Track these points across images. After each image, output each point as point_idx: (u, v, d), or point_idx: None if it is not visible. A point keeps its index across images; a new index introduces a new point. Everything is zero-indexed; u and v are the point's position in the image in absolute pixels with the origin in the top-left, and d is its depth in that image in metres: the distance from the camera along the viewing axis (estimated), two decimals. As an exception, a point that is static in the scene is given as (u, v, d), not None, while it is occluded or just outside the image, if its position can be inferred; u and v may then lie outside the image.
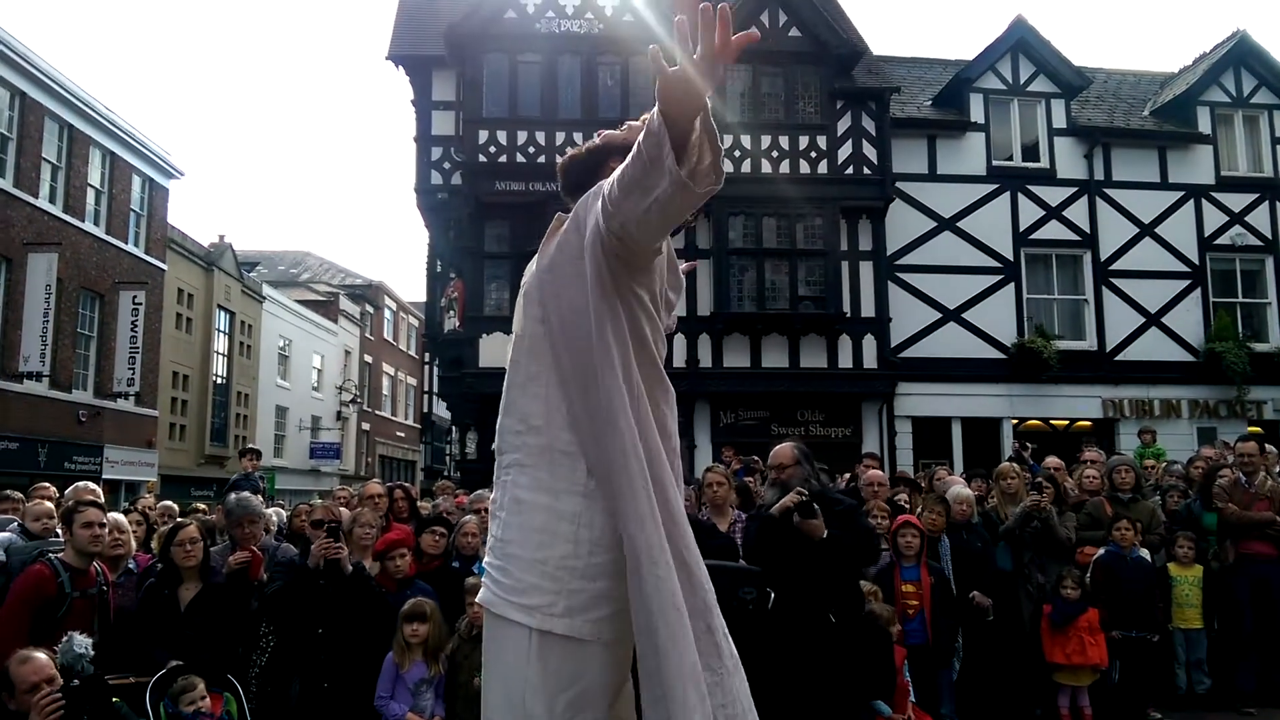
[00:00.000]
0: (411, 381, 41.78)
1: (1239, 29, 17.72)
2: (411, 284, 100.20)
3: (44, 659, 3.86)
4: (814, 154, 15.82)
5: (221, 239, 27.17)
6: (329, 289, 35.11)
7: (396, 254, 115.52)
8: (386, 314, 39.69)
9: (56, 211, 18.26)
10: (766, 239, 15.58)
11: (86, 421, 18.97)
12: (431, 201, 16.17)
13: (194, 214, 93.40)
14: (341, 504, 7.45)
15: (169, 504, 7.88)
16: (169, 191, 22.60)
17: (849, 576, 5.15)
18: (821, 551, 4.88)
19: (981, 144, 16.81)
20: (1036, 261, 16.92)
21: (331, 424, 33.39)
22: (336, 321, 33.91)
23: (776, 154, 15.78)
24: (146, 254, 21.45)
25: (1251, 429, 14.29)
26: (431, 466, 36.24)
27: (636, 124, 2.10)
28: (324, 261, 39.63)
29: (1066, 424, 16.68)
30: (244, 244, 32.27)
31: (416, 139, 16.27)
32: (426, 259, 17.42)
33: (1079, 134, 17.00)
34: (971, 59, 17.29)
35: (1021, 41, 17.06)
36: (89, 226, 19.30)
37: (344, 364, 34.74)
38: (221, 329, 26.25)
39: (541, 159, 14.85)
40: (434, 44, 15.96)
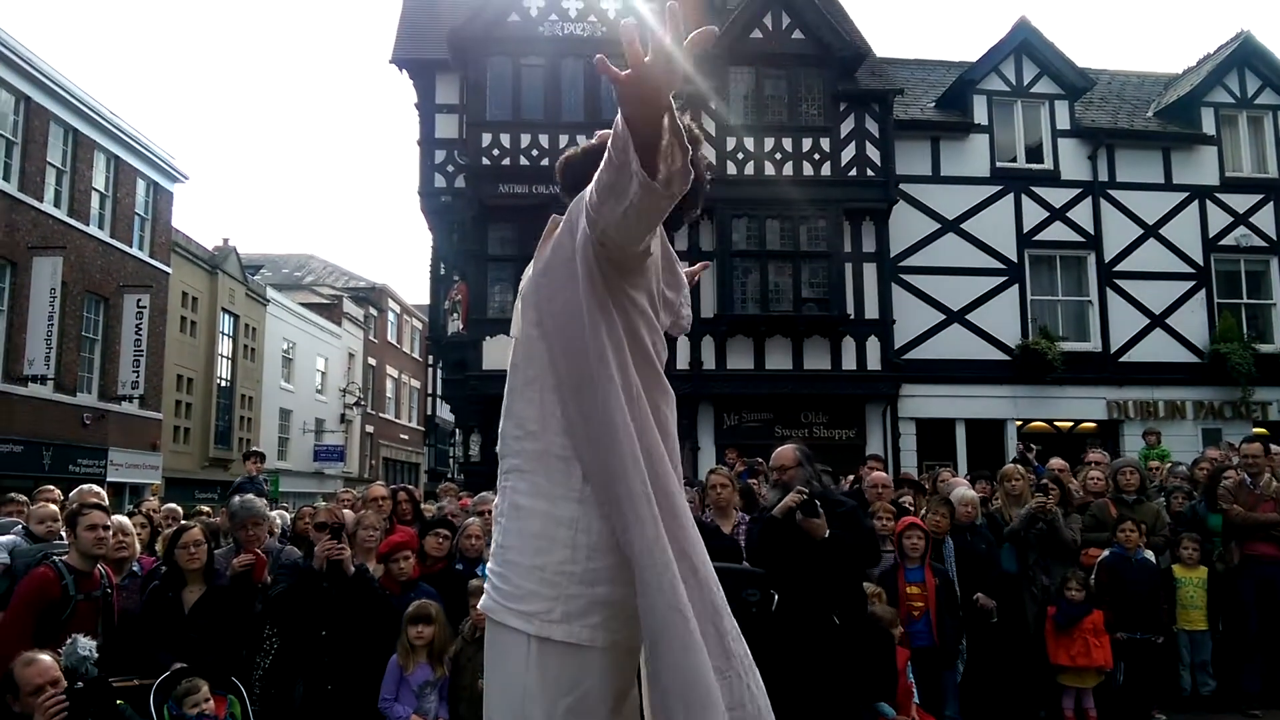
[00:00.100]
0: (415, 384, 41.82)
1: (1243, 30, 17.72)
2: (415, 287, 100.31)
3: (49, 661, 3.87)
4: (817, 156, 15.82)
5: (225, 242, 27.20)
6: (333, 292, 35.15)
7: (400, 257, 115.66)
8: (390, 317, 39.72)
9: (61, 215, 18.31)
10: (770, 241, 15.58)
11: (91, 424, 19.00)
12: (435, 204, 16.20)
13: (198, 217, 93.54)
14: (345, 506, 7.46)
15: (173, 506, 7.90)
16: (173, 195, 22.66)
17: (851, 578, 5.16)
18: (823, 552, 4.88)
19: (985, 145, 16.79)
20: (1040, 263, 16.89)
21: (335, 427, 33.42)
22: (340, 324, 33.95)
23: (780, 156, 15.78)
24: (151, 257, 21.50)
25: (1256, 430, 14.28)
26: (435, 469, 36.27)
27: None
28: (328, 264, 39.69)
29: (1071, 425, 16.64)
30: (248, 247, 32.30)
31: (420, 142, 16.30)
32: (430, 262, 17.46)
33: (1083, 135, 16.98)
34: (975, 60, 17.26)
35: (1025, 43, 17.04)
36: (93, 230, 19.35)
37: (348, 367, 34.78)
38: (225, 332, 26.30)
39: (545, 162, 14.86)
40: (437, 47, 15.99)
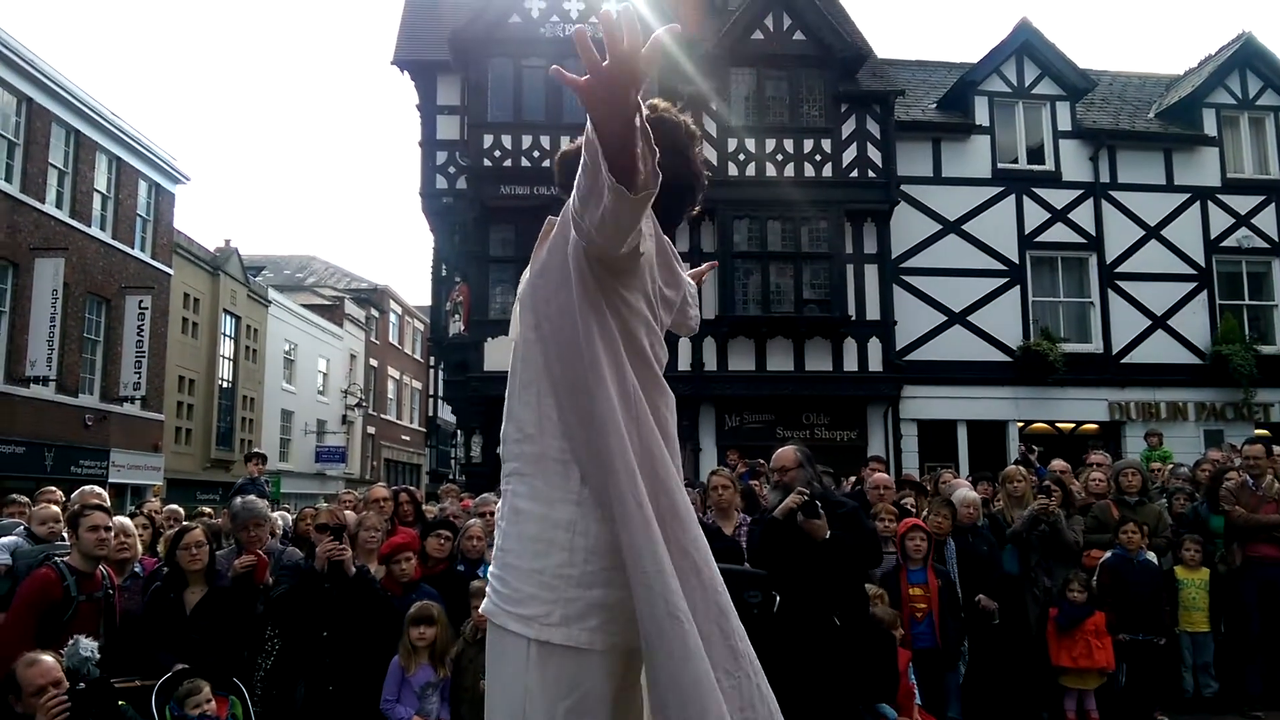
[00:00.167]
0: (416, 385, 41.84)
1: (1245, 31, 17.72)
2: (417, 288, 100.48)
3: (51, 662, 3.87)
4: (819, 157, 15.82)
5: (227, 243, 27.25)
6: (334, 293, 35.18)
7: (402, 258, 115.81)
8: (392, 318, 39.75)
9: (63, 217, 18.32)
10: (771, 242, 15.58)
11: (93, 425, 19.02)
12: (436, 206, 16.20)
13: (200, 219, 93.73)
14: (347, 508, 7.46)
15: (174, 508, 7.90)
16: (175, 196, 22.68)
17: (853, 579, 5.16)
18: (825, 553, 4.88)
19: (986, 147, 16.79)
20: (1042, 264, 16.89)
21: (337, 428, 33.45)
22: (342, 325, 33.97)
23: (781, 157, 15.78)
24: (153, 259, 21.52)
25: (1258, 431, 14.23)
26: (436, 470, 36.25)
27: None
28: (329, 266, 39.72)
29: (1072, 427, 16.64)
30: (250, 248, 32.32)
31: (421, 143, 16.31)
32: (431, 263, 17.45)
33: (1084, 136, 16.97)
34: (976, 62, 17.25)
35: (1026, 44, 17.04)
36: (95, 231, 19.37)
37: (349, 368, 34.80)
38: (227, 333, 26.32)
39: (546, 163, 14.86)
40: (439, 49, 16.00)
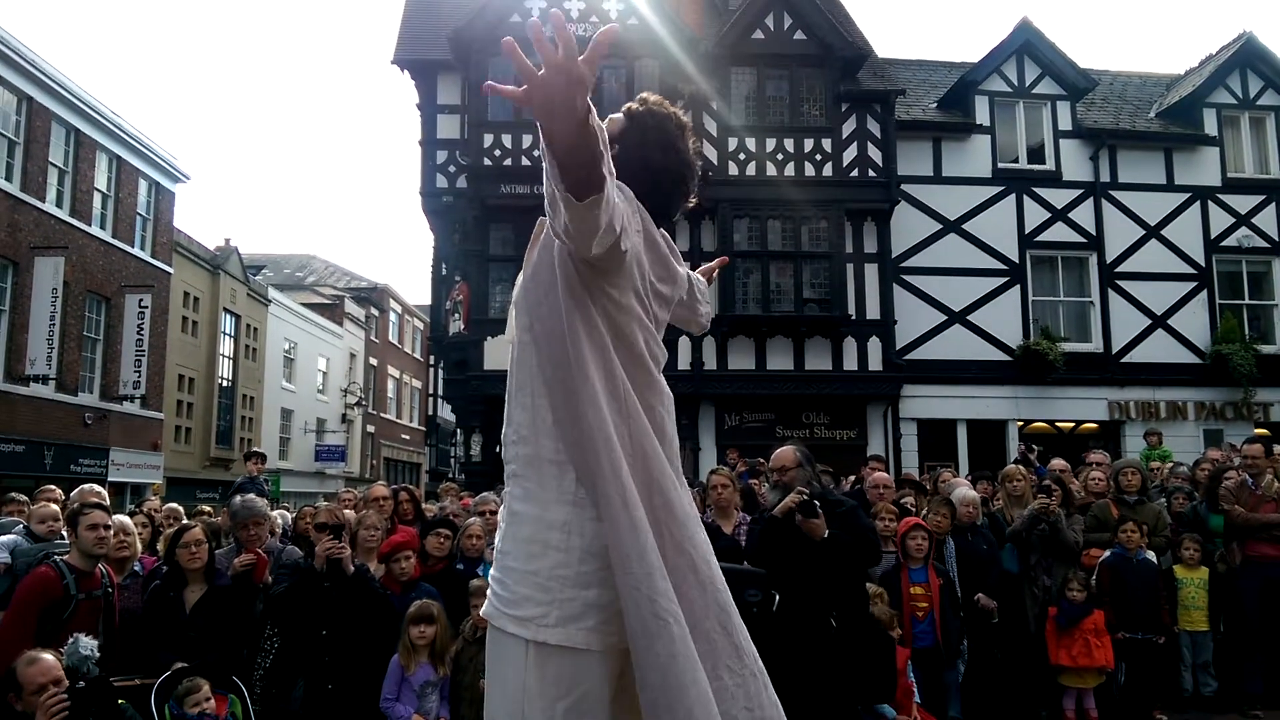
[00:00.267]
0: (416, 384, 41.83)
1: (1245, 31, 17.71)
2: (416, 287, 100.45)
3: (51, 660, 3.87)
4: (819, 156, 15.82)
5: (227, 242, 27.21)
6: (334, 292, 35.16)
7: (402, 257, 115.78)
8: (391, 317, 39.74)
9: (63, 215, 18.32)
10: (771, 241, 15.58)
11: (92, 424, 19.02)
12: (436, 205, 16.18)
13: (200, 218, 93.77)
14: (347, 506, 7.46)
15: (174, 506, 7.88)
16: (175, 195, 22.68)
17: (852, 577, 5.15)
18: (823, 552, 4.89)
19: (987, 146, 16.79)
20: (1042, 263, 16.89)
21: (336, 427, 33.44)
22: (341, 324, 33.97)
23: (781, 157, 15.78)
24: (152, 257, 21.52)
25: (1258, 431, 14.25)
26: (436, 469, 36.21)
27: (618, 116, 2.09)
28: (329, 265, 39.70)
29: (1072, 426, 16.64)
30: (249, 247, 32.33)
31: (422, 143, 16.30)
32: (431, 262, 17.43)
33: (1085, 136, 16.97)
34: (977, 61, 17.25)
35: (1027, 44, 17.04)
36: (95, 230, 19.37)
37: (349, 367, 34.80)
38: (227, 332, 26.32)
39: (546, 162, 14.83)
40: (439, 48, 15.99)
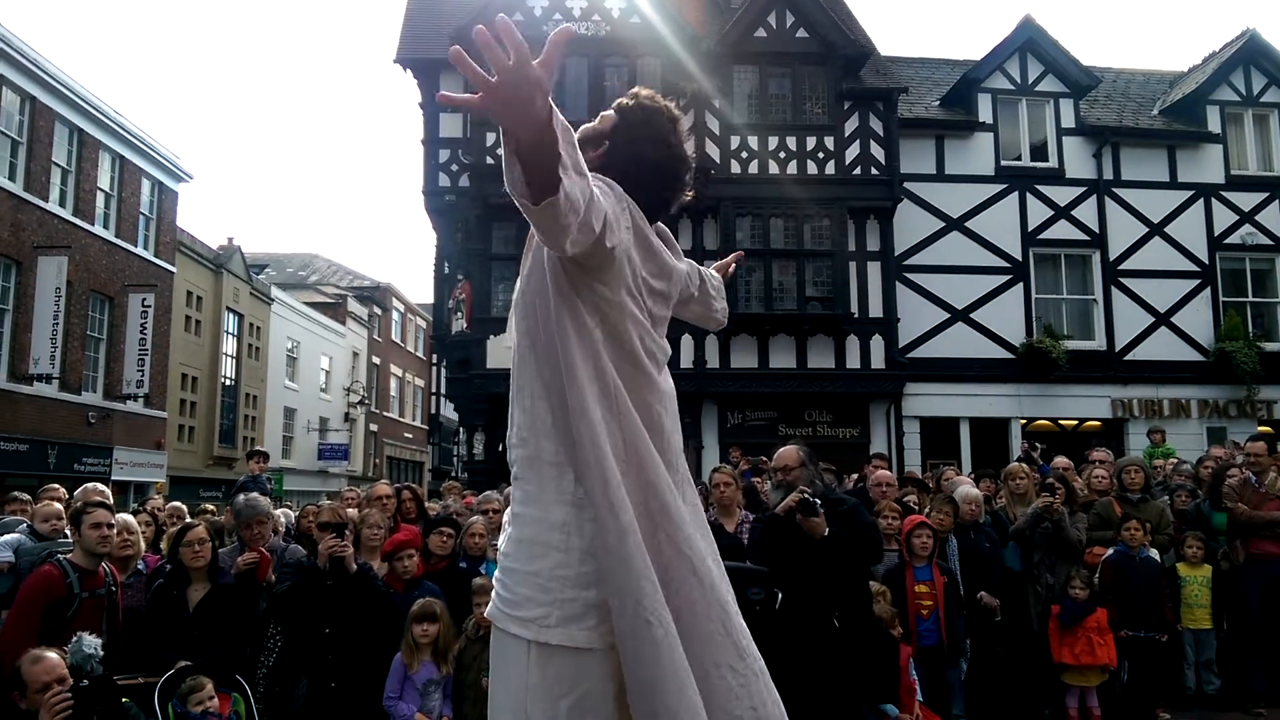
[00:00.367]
0: (419, 383, 41.85)
1: (1249, 28, 17.66)
2: (419, 286, 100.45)
3: (55, 659, 3.88)
4: (821, 154, 15.80)
5: (230, 241, 27.23)
6: (337, 291, 35.19)
7: (404, 256, 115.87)
8: (394, 316, 39.77)
9: (66, 215, 18.34)
10: (774, 240, 15.56)
11: (96, 423, 19.05)
12: (439, 204, 16.18)
13: (203, 217, 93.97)
14: (350, 505, 7.47)
15: (178, 505, 7.89)
16: (178, 194, 22.70)
17: (854, 575, 5.14)
18: (824, 550, 4.88)
19: (990, 144, 16.77)
20: (1045, 261, 16.86)
21: (339, 425, 33.47)
22: (344, 323, 33.99)
23: (784, 155, 15.76)
24: (156, 257, 21.55)
25: (1261, 429, 14.21)
26: (439, 467, 36.15)
27: (609, 114, 2.08)
28: (332, 264, 39.74)
29: (1075, 424, 16.62)
30: (252, 246, 32.29)
31: (424, 141, 16.29)
32: (434, 261, 17.45)
33: (1088, 133, 16.94)
34: (979, 59, 17.22)
35: (1030, 41, 17.01)
36: (99, 230, 19.39)
37: (352, 365, 34.82)
38: (230, 331, 26.35)
39: (548, 160, 14.82)
40: (441, 47, 15.96)
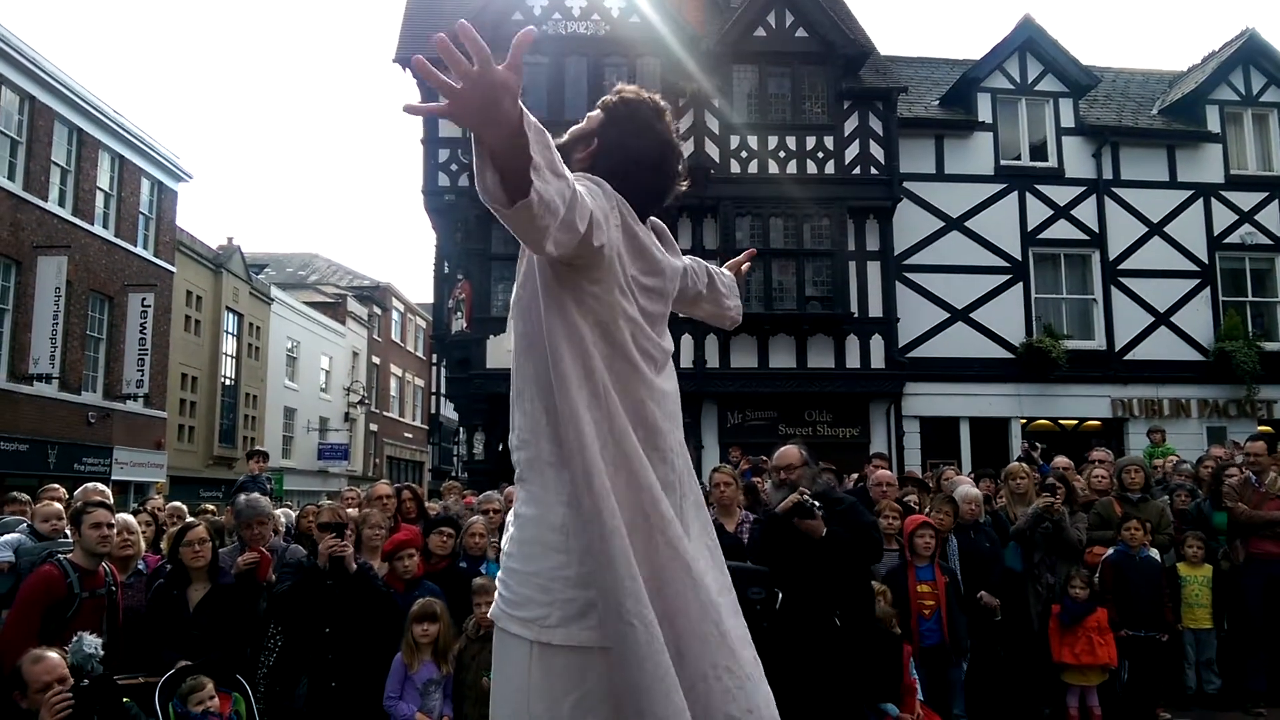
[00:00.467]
0: (419, 382, 41.84)
1: (1248, 27, 17.67)
2: (419, 285, 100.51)
3: (56, 658, 3.88)
4: (821, 154, 15.80)
5: (230, 241, 27.23)
6: (337, 291, 35.18)
7: (404, 256, 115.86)
8: (394, 315, 39.76)
9: (66, 215, 18.33)
10: (774, 239, 15.55)
11: (96, 423, 19.05)
12: (439, 203, 16.16)
13: (202, 216, 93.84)
14: (350, 505, 7.47)
15: (178, 505, 7.89)
16: (178, 194, 22.69)
17: (855, 574, 5.14)
18: (824, 549, 4.88)
19: (989, 143, 16.76)
20: (1045, 261, 16.86)
21: (339, 425, 33.46)
22: (344, 323, 33.98)
23: (784, 154, 15.76)
24: (155, 256, 21.54)
25: (1261, 428, 14.22)
26: (439, 467, 36.17)
27: (595, 113, 2.08)
28: (332, 263, 39.74)
29: (1075, 424, 16.62)
30: (252, 246, 32.30)
31: (424, 141, 16.27)
32: (434, 260, 17.43)
33: (1087, 133, 16.94)
34: (979, 58, 17.22)
35: (1029, 41, 17.00)
36: (98, 229, 19.38)
37: (352, 365, 34.82)
38: (230, 331, 26.35)
39: (548, 160, 14.81)
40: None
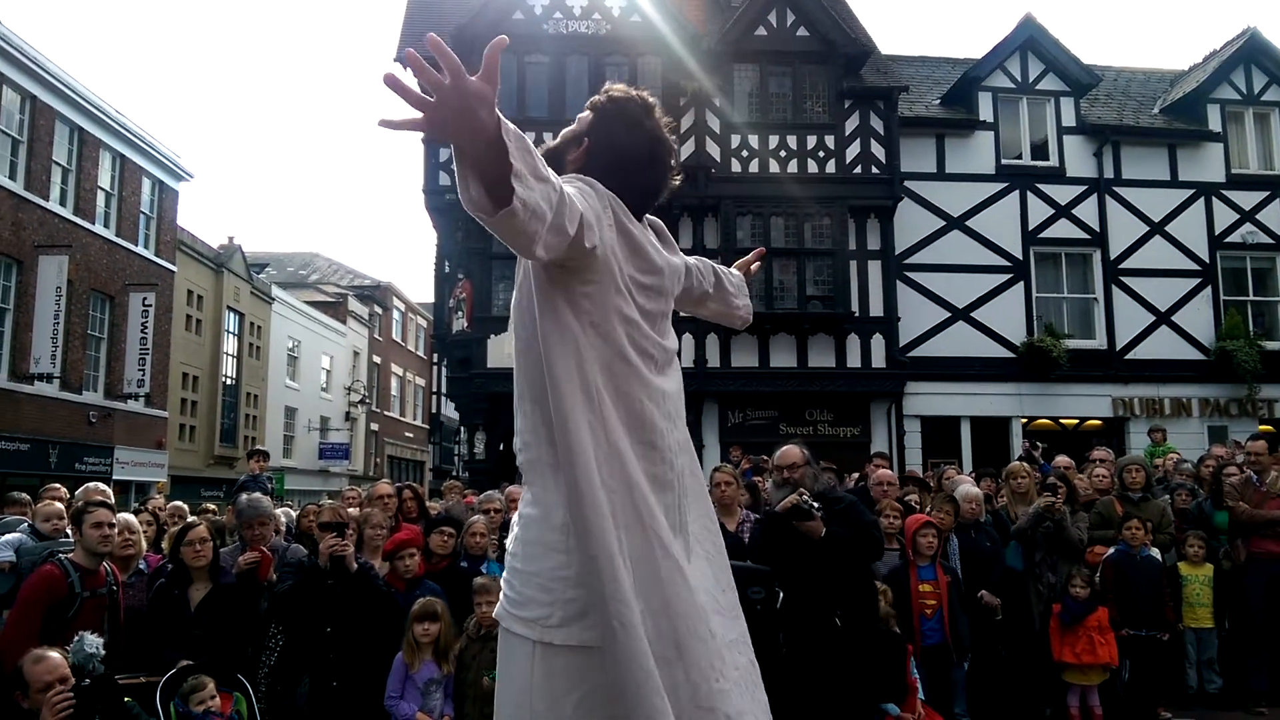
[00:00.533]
0: (420, 382, 41.85)
1: (1250, 26, 17.67)
2: (420, 285, 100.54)
3: (57, 658, 3.88)
4: (822, 153, 15.79)
5: (231, 241, 27.26)
6: (337, 290, 35.18)
7: (405, 255, 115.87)
8: (395, 315, 39.76)
9: (67, 214, 18.33)
10: (775, 238, 15.54)
11: (97, 423, 19.05)
12: (439, 203, 16.15)
13: (203, 216, 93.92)
14: (351, 505, 7.47)
15: (179, 504, 7.89)
16: (178, 194, 22.69)
17: (855, 573, 5.13)
18: (824, 549, 4.88)
19: (990, 143, 16.76)
20: (1046, 260, 16.86)
21: (340, 425, 33.46)
22: (345, 322, 33.98)
23: (784, 153, 15.76)
24: (156, 256, 21.54)
25: (1262, 427, 14.22)
26: (440, 467, 36.20)
27: (584, 114, 2.09)
28: (332, 263, 39.74)
29: (1076, 423, 16.62)
30: (253, 245, 32.38)
31: (424, 140, 16.26)
32: (435, 260, 17.43)
33: (1088, 132, 16.93)
34: (980, 57, 17.22)
35: (1030, 40, 17.00)
36: (99, 229, 19.38)
37: (352, 365, 34.82)
38: (231, 330, 26.35)
39: (548, 159, 14.82)
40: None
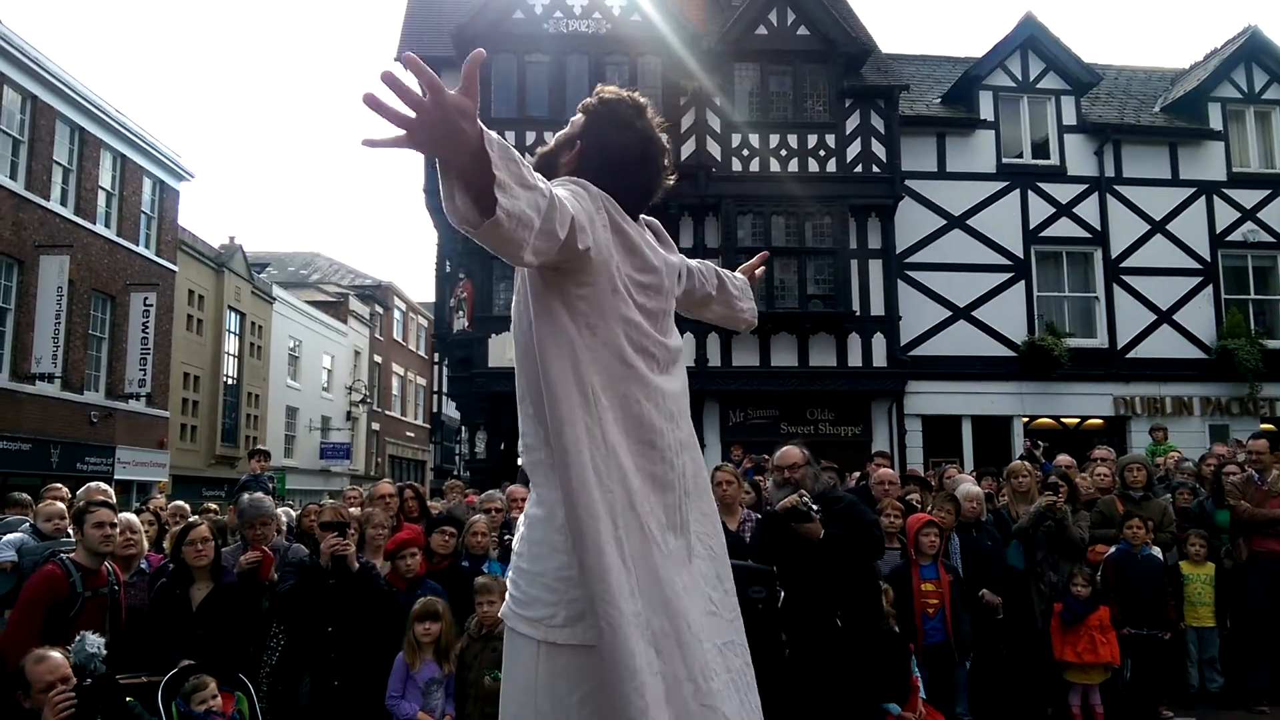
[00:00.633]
0: (421, 381, 41.86)
1: (1250, 25, 17.64)
2: (421, 284, 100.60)
3: (59, 658, 3.88)
4: (823, 152, 15.79)
5: (231, 240, 27.29)
6: (338, 290, 35.20)
7: (406, 255, 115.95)
8: (396, 314, 39.77)
9: (68, 214, 18.34)
10: (775, 238, 15.54)
11: (98, 423, 19.06)
12: (440, 202, 16.16)
13: (204, 216, 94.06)
14: (352, 504, 7.47)
15: (180, 504, 7.90)
16: (179, 193, 22.69)
17: (856, 573, 5.13)
18: (824, 549, 4.88)
19: (991, 141, 16.75)
20: (1047, 259, 16.85)
21: (341, 424, 33.48)
22: (346, 322, 33.99)
23: (785, 152, 15.75)
24: (157, 256, 21.55)
25: (1264, 426, 14.21)
26: (441, 466, 36.22)
27: (576, 117, 2.09)
28: (333, 262, 39.75)
29: (1077, 422, 16.61)
30: (254, 245, 32.46)
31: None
32: (436, 259, 17.42)
33: (1089, 131, 16.92)
34: (981, 56, 17.20)
35: (1031, 38, 16.99)
36: (100, 229, 19.39)
37: (354, 364, 34.83)
38: (232, 330, 26.37)
39: (549, 159, 14.82)
40: (442, 45, 15.96)
